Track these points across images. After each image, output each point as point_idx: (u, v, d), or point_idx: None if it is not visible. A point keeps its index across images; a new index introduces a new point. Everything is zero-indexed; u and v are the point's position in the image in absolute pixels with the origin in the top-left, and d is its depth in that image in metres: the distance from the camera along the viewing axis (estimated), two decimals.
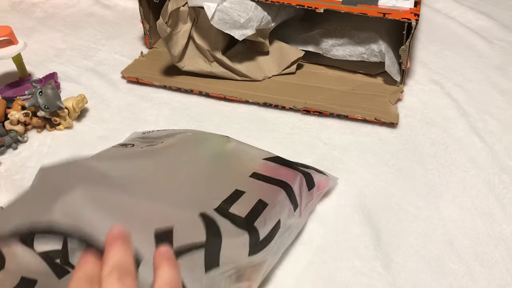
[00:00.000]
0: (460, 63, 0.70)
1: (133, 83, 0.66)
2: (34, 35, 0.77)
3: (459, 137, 0.57)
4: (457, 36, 0.76)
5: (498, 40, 0.75)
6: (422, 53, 0.72)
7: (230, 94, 0.62)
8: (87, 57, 0.72)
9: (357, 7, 0.59)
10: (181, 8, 0.60)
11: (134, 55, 0.71)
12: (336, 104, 0.60)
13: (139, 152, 0.41)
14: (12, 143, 0.56)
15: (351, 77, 0.65)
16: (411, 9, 0.59)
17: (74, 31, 0.79)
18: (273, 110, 0.61)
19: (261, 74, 0.65)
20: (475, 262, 0.43)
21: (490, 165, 0.53)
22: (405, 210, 0.48)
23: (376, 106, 0.60)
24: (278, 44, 0.66)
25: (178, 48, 0.62)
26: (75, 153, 0.55)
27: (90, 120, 0.60)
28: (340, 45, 0.65)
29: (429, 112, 0.61)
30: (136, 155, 0.40)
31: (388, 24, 0.64)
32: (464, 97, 0.63)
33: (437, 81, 0.66)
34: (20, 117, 0.56)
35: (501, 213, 0.48)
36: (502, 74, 0.68)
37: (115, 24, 0.80)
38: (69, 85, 0.66)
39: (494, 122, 0.59)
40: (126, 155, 0.40)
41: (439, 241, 0.45)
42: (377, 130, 0.58)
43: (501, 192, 0.50)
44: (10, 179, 0.52)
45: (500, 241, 0.45)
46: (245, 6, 0.60)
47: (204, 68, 0.64)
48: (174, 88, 0.64)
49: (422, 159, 0.54)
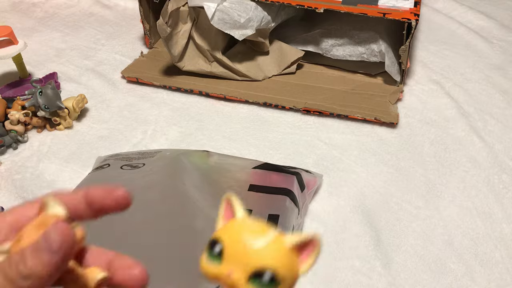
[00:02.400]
0: (460, 63, 0.70)
1: (133, 83, 0.66)
2: (34, 35, 0.77)
3: (459, 137, 0.57)
4: (457, 36, 0.76)
5: (498, 40, 0.75)
6: (422, 53, 0.72)
7: (230, 94, 0.62)
8: (87, 57, 0.72)
9: (357, 7, 0.59)
10: (181, 8, 0.60)
11: (134, 55, 0.71)
12: (336, 104, 0.60)
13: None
14: (12, 143, 0.55)
15: (351, 77, 0.65)
16: (411, 9, 0.59)
17: (74, 31, 0.79)
18: (273, 110, 0.61)
19: (261, 74, 0.65)
20: (475, 262, 0.43)
21: (490, 165, 0.53)
22: (405, 210, 0.48)
23: (376, 106, 0.60)
24: (278, 44, 0.66)
25: (178, 48, 0.62)
26: (75, 153, 0.55)
27: (90, 120, 0.60)
28: (340, 45, 0.64)
29: (429, 112, 0.61)
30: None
31: (388, 24, 0.64)
32: (464, 97, 0.63)
33: (437, 81, 0.66)
34: (20, 117, 0.56)
35: (501, 213, 0.48)
36: (502, 74, 0.68)
37: (115, 24, 0.80)
38: (69, 85, 0.66)
39: (494, 122, 0.59)
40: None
41: (438, 241, 0.45)
42: (377, 130, 0.58)
43: (501, 191, 0.50)
44: (10, 179, 0.52)
45: (500, 241, 0.45)
46: (245, 6, 0.60)
47: (204, 68, 0.64)
48: (174, 88, 0.64)
49: (422, 159, 0.54)
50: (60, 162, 0.54)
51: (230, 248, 0.17)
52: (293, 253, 0.17)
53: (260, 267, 0.16)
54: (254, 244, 0.16)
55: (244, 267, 0.16)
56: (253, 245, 0.16)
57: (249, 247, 0.16)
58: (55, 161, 0.54)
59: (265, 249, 0.16)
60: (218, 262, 0.17)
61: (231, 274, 0.16)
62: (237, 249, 0.17)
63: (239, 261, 0.16)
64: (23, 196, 0.50)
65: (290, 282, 0.17)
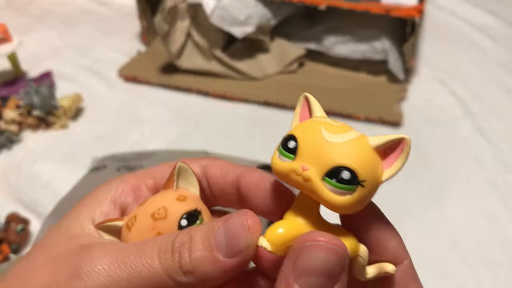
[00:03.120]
0: (465, 61, 0.69)
1: (130, 81, 0.65)
2: (29, 32, 0.76)
3: (464, 136, 0.56)
4: (462, 34, 0.75)
5: (503, 37, 0.74)
6: (426, 51, 0.71)
7: (229, 92, 0.61)
8: (83, 55, 0.71)
9: (360, 4, 0.58)
10: (179, 5, 0.59)
11: (131, 53, 0.70)
12: (338, 103, 0.59)
13: None
14: (7, 142, 0.55)
15: (354, 76, 0.64)
16: (415, 6, 0.57)
17: (70, 28, 0.77)
18: (273, 109, 0.60)
19: (262, 72, 0.64)
20: (479, 265, 0.42)
21: (495, 165, 0.52)
22: (409, 211, 0.47)
23: (380, 105, 0.59)
24: (279, 41, 0.65)
25: (176, 45, 0.61)
26: (71, 153, 0.54)
27: (86, 120, 0.59)
28: (342, 42, 0.63)
29: (433, 111, 0.60)
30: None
31: (391, 21, 0.63)
32: (469, 96, 0.62)
33: (442, 79, 0.65)
34: (15, 116, 0.55)
35: (506, 215, 0.47)
36: (507, 72, 0.67)
37: (111, 21, 0.79)
38: (64, 84, 0.65)
39: (499, 121, 0.58)
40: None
41: (443, 243, 0.44)
42: (380, 129, 0.57)
43: (506, 193, 0.49)
44: (5, 179, 0.51)
45: (505, 243, 0.44)
46: (245, 3, 0.58)
47: (203, 66, 0.63)
48: (172, 87, 0.63)
49: (426, 159, 0.53)
50: (55, 163, 0.53)
51: (305, 144, 0.15)
52: (377, 155, 0.15)
53: (339, 163, 0.14)
54: (333, 140, 0.14)
55: (320, 163, 0.14)
56: (332, 141, 0.14)
57: (327, 143, 0.14)
58: (50, 161, 0.53)
59: (345, 146, 0.14)
60: (291, 159, 0.15)
61: (305, 169, 0.14)
62: (314, 145, 0.15)
63: (315, 157, 0.14)
64: (19, 197, 0.49)
65: (371, 187, 0.15)
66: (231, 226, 0.14)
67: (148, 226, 0.16)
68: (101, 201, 0.17)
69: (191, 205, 0.16)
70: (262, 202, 0.17)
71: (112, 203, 0.17)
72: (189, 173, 0.17)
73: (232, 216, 0.14)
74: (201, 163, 0.18)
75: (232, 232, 0.14)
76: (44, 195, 0.48)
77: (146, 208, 0.16)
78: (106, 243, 0.15)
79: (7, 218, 0.44)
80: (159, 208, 0.16)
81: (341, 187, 0.14)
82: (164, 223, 0.16)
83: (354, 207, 0.15)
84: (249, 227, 0.14)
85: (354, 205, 0.15)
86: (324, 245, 0.13)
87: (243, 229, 0.14)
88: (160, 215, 0.16)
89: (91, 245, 0.15)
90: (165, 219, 0.16)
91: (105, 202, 0.17)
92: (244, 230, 0.14)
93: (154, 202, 0.16)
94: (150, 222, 0.16)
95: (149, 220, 0.16)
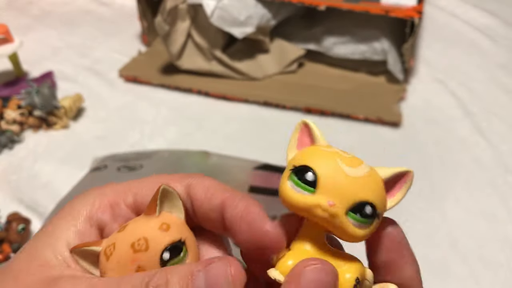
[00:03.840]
0: (464, 62, 0.69)
1: (130, 82, 0.65)
2: (30, 33, 0.76)
3: (463, 137, 0.56)
4: (461, 34, 0.75)
5: (503, 38, 0.74)
6: (425, 51, 0.71)
7: (229, 93, 0.61)
8: (84, 55, 0.71)
9: (359, 4, 0.58)
10: (179, 5, 0.59)
11: (132, 53, 0.70)
12: (338, 103, 0.59)
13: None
14: (8, 142, 0.55)
15: (353, 76, 0.64)
16: (414, 6, 0.58)
17: (71, 28, 0.78)
18: (274, 109, 0.60)
19: (261, 73, 0.64)
20: (479, 265, 0.42)
21: (494, 165, 0.52)
22: (408, 211, 0.47)
23: (379, 106, 0.59)
24: (279, 42, 0.65)
25: (176, 46, 0.61)
26: (71, 153, 0.54)
27: (87, 120, 0.59)
28: (341, 43, 0.64)
29: (433, 111, 0.60)
30: None
31: (391, 22, 0.63)
32: (468, 96, 0.63)
33: (441, 80, 0.65)
34: (16, 116, 0.55)
35: (506, 215, 0.47)
36: (507, 73, 0.67)
37: (112, 21, 0.79)
38: (65, 84, 0.65)
39: (499, 122, 0.58)
40: None
41: (442, 243, 0.44)
42: (380, 129, 0.57)
43: (505, 193, 0.49)
44: (6, 179, 0.51)
45: (505, 243, 0.44)
46: (245, 3, 0.59)
47: (203, 67, 0.63)
48: (173, 87, 0.63)
49: (425, 159, 0.53)
50: (56, 163, 0.53)
51: (326, 177, 0.15)
52: (384, 187, 0.16)
53: (362, 199, 0.14)
54: (353, 175, 0.15)
55: (344, 198, 0.14)
56: (352, 176, 0.15)
57: (348, 177, 0.15)
58: (51, 161, 0.53)
59: (364, 180, 0.15)
60: (311, 192, 0.15)
61: (331, 205, 0.14)
62: (336, 179, 0.14)
63: (338, 192, 0.14)
64: (19, 197, 0.49)
65: (382, 218, 0.16)
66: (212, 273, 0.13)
67: (128, 258, 0.14)
68: (76, 218, 0.16)
69: (175, 234, 0.15)
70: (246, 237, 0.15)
71: (88, 220, 0.16)
72: (174, 196, 0.16)
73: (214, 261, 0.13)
74: (186, 181, 0.16)
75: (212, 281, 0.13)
76: (45, 195, 0.49)
77: (126, 236, 0.15)
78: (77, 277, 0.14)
79: (8, 217, 0.44)
80: (140, 238, 0.15)
81: (364, 221, 0.15)
82: (145, 256, 0.14)
83: (368, 237, 0.16)
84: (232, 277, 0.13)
85: (369, 236, 0.15)
86: (314, 267, 0.13)
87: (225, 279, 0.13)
88: (140, 247, 0.14)
89: (61, 279, 0.14)
90: (146, 251, 0.14)
91: (80, 220, 0.16)
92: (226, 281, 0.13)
93: (135, 230, 0.15)
94: (130, 253, 0.14)
95: (129, 251, 0.14)
